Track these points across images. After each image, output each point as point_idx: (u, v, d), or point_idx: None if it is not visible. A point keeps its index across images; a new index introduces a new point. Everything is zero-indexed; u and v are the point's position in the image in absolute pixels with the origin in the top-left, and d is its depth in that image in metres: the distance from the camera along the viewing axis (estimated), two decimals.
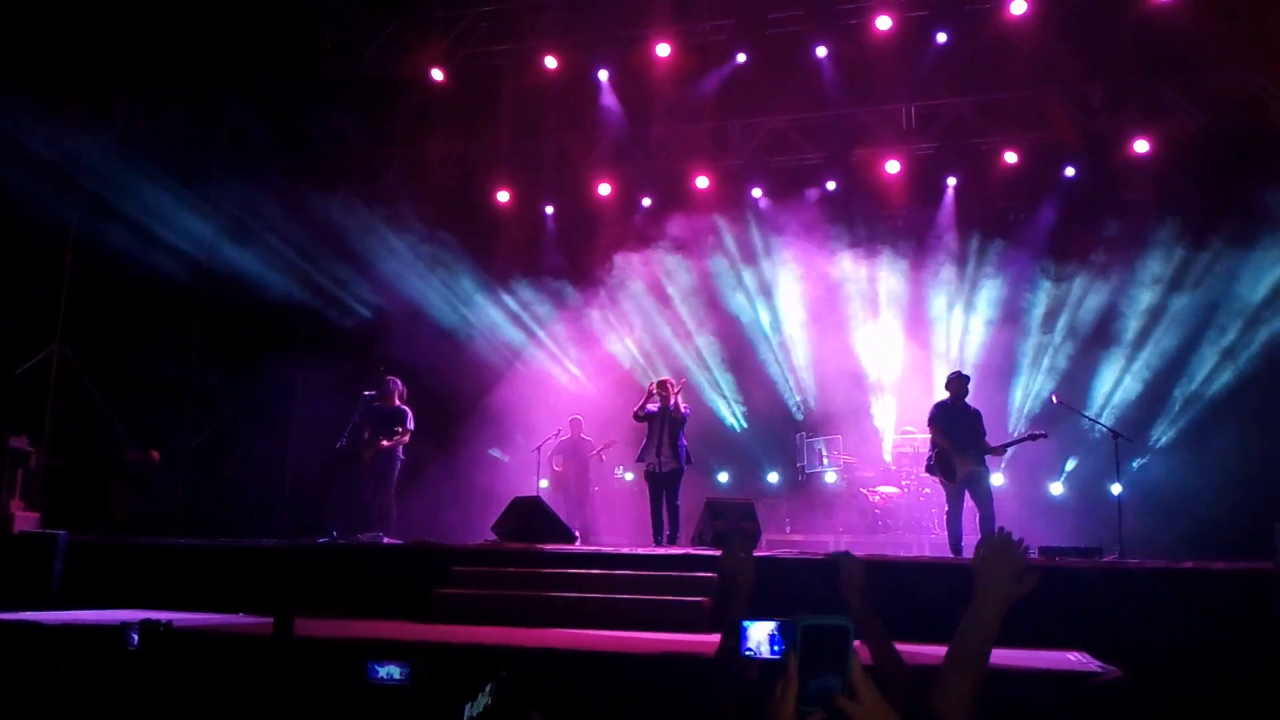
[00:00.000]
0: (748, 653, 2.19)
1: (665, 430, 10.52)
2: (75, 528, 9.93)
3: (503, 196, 15.20)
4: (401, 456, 10.98)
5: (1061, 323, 13.11)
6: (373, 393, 10.83)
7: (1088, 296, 12.96)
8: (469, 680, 4.51)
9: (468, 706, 3.23)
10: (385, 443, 10.69)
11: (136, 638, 3.89)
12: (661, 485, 10.59)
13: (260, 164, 13.65)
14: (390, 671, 3.54)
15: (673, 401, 10.58)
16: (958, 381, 10.09)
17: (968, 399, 10.06)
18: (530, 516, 9.97)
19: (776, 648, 2.17)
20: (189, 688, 4.12)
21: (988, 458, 9.87)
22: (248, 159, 13.79)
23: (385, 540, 10.10)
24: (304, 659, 3.97)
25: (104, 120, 12.63)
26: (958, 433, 9.77)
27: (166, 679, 3.89)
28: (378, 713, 3.41)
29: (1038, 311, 13.28)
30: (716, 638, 3.03)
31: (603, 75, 14.34)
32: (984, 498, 9.69)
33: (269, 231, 13.57)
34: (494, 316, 14.92)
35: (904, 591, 7.55)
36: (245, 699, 3.96)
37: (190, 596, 8.53)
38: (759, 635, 2.32)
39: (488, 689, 3.31)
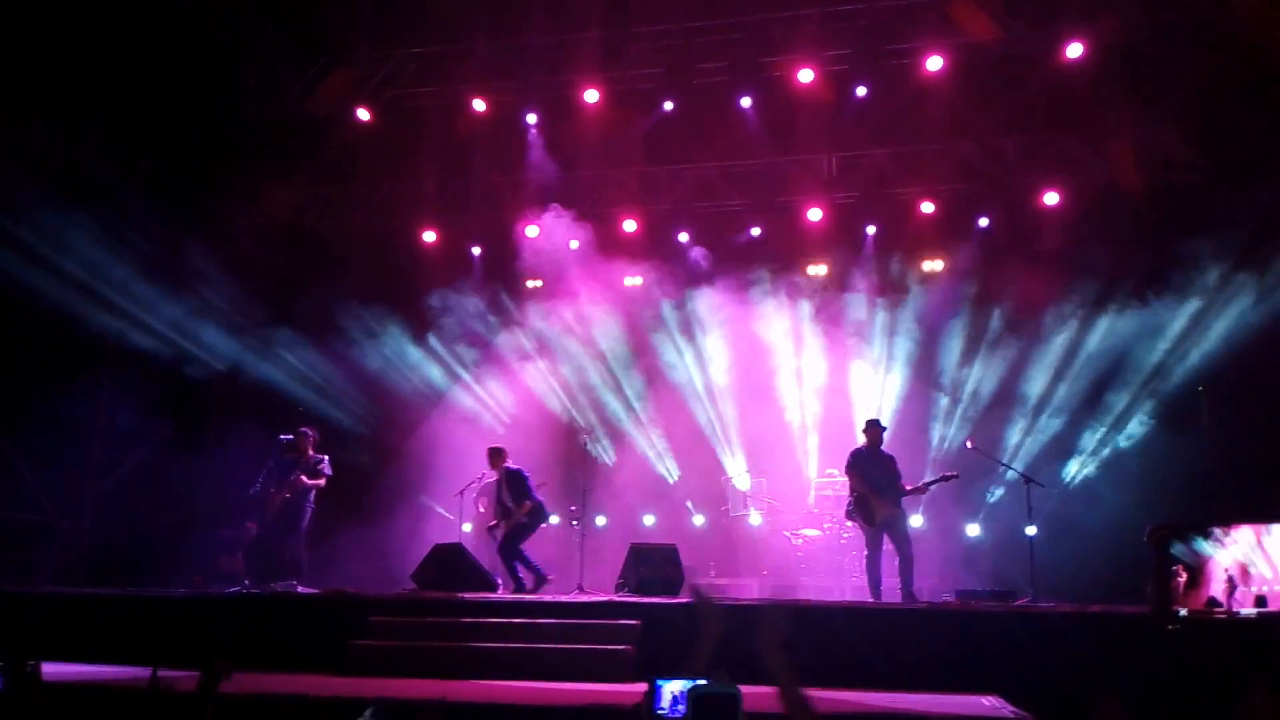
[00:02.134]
0: (660, 711, 2.17)
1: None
2: None
3: (429, 237, 15.13)
4: (312, 504, 10.76)
5: (976, 368, 13.46)
6: (289, 437, 10.63)
7: (1001, 340, 13.33)
8: None
9: None
10: (306, 479, 10.49)
11: (3, 680, 3.75)
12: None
13: (178, 203, 13.37)
14: None
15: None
16: (873, 429, 10.33)
17: (883, 445, 10.27)
18: (451, 564, 9.82)
19: (681, 708, 2.16)
20: None
21: (905, 501, 10.06)
22: (165, 198, 13.49)
23: (299, 589, 9.84)
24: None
25: (19, 156, 12.24)
26: (875, 478, 9.96)
27: None
28: None
29: (953, 356, 13.61)
30: (640, 687, 2.98)
31: (531, 119, 14.41)
32: (903, 540, 9.88)
33: (186, 272, 13.27)
34: (418, 359, 14.78)
35: (824, 636, 7.63)
36: None
37: (98, 648, 8.21)
38: (671, 693, 2.31)
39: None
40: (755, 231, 14.46)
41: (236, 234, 13.72)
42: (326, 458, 10.87)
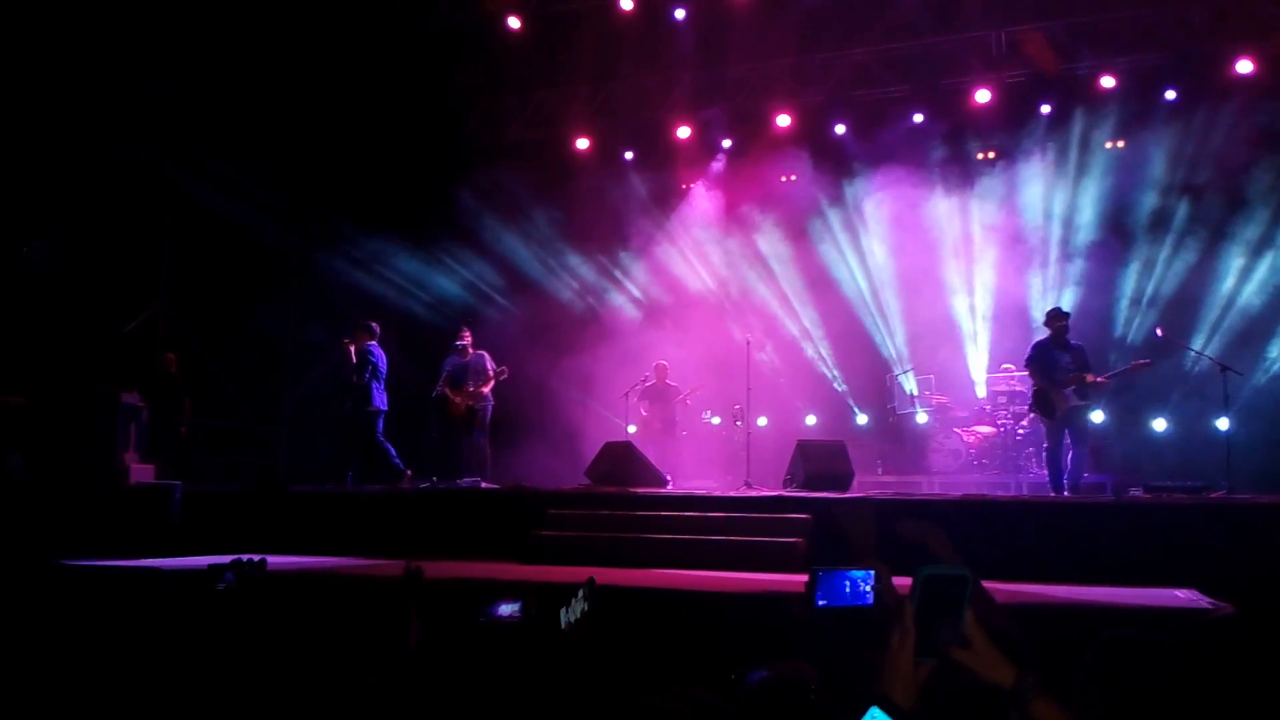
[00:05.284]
0: (821, 604, 2.12)
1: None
2: (189, 479, 10.36)
3: (582, 144, 15.15)
4: (492, 401, 11.23)
5: (1166, 249, 12.59)
6: (462, 343, 11.07)
7: (1194, 218, 12.41)
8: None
9: (563, 612, 3.30)
10: (484, 389, 10.95)
11: (232, 576, 4.04)
12: None
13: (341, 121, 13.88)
14: (506, 609, 3.65)
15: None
16: (1055, 317, 9.86)
17: (1069, 335, 9.82)
18: (622, 461, 10.05)
19: (849, 587, 2.11)
20: (306, 628, 4.30)
21: (1091, 394, 9.64)
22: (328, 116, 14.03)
23: (483, 485, 10.34)
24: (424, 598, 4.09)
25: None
26: (1055, 370, 9.58)
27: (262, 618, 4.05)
28: (495, 648, 3.52)
29: (1141, 240, 12.77)
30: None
31: (679, 14, 14.07)
32: (1080, 435, 9.57)
33: (353, 193, 13.82)
34: (578, 265, 15.02)
35: (1001, 531, 7.47)
36: (370, 637, 4.11)
37: (302, 542, 8.88)
38: (847, 580, 2.26)
39: (580, 594, 3.37)
40: (918, 118, 13.78)
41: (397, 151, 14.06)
42: (488, 355, 11.30)
